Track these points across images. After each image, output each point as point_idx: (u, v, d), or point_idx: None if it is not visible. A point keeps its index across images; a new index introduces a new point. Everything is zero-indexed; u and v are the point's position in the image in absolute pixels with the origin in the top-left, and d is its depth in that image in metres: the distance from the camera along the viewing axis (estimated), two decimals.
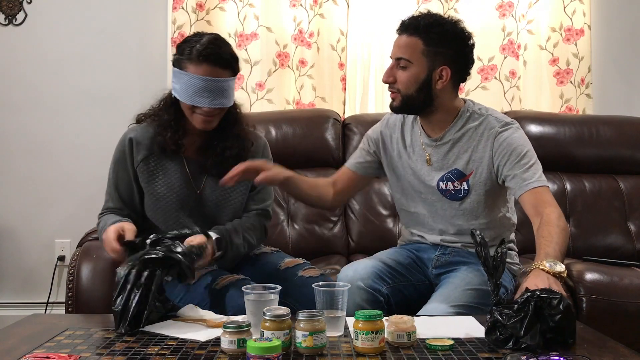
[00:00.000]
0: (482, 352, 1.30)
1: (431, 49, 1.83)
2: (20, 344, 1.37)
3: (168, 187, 1.89)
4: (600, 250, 2.63)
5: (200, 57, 1.78)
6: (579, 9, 3.13)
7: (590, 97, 3.15)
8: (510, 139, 1.85)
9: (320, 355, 1.29)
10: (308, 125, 2.88)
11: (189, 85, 1.78)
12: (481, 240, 1.41)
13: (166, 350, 1.32)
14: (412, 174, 1.96)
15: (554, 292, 1.36)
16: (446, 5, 3.12)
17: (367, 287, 1.78)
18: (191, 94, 1.79)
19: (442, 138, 1.92)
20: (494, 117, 1.91)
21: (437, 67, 1.84)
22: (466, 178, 1.89)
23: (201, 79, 1.77)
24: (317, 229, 2.76)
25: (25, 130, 3.20)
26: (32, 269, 3.21)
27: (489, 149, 1.86)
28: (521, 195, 1.80)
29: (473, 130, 1.90)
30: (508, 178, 1.83)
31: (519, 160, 1.83)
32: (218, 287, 1.73)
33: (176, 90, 1.83)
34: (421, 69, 1.84)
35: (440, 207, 1.94)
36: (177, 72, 1.82)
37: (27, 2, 3.20)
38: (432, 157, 1.93)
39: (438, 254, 1.95)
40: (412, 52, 1.84)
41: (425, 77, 1.84)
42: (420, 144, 1.96)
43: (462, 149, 1.90)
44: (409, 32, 1.86)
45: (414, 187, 1.97)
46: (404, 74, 1.85)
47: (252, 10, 3.14)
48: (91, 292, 2.10)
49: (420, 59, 1.84)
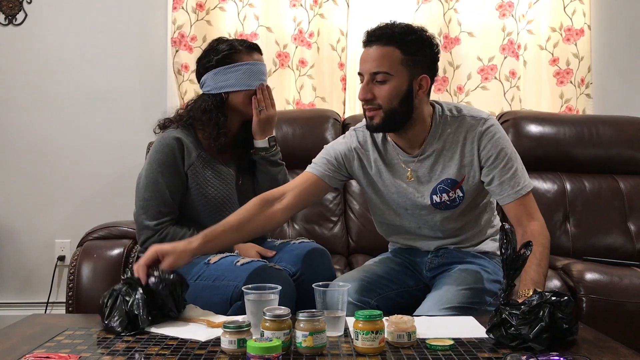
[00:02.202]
0: (482, 352, 1.30)
1: (410, 58, 1.72)
2: (20, 344, 1.37)
3: (216, 187, 1.94)
4: (600, 250, 2.63)
5: (249, 47, 1.99)
6: (579, 9, 3.13)
7: (590, 97, 3.15)
8: (494, 140, 1.78)
9: (320, 355, 1.29)
10: (308, 125, 2.87)
11: (248, 72, 1.95)
12: (510, 237, 1.38)
13: (166, 350, 1.32)
14: (396, 192, 1.86)
15: (562, 294, 1.36)
16: (446, 5, 3.12)
17: (355, 301, 1.76)
18: (252, 78, 1.96)
19: (423, 152, 1.82)
20: (470, 116, 1.82)
21: (416, 77, 1.74)
22: (459, 185, 1.81)
23: (257, 63, 1.98)
24: (317, 229, 2.76)
25: (25, 130, 3.21)
26: (32, 269, 3.21)
27: (476, 150, 1.79)
28: (506, 204, 1.77)
29: (452, 135, 1.81)
30: (493, 183, 1.78)
31: (504, 164, 1.76)
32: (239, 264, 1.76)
33: (231, 84, 1.96)
34: (402, 80, 1.72)
35: (431, 219, 1.87)
36: (226, 69, 1.95)
37: (27, 2, 3.20)
38: (415, 172, 1.83)
39: (431, 257, 1.93)
40: (391, 64, 1.71)
41: (406, 88, 1.73)
42: (399, 162, 1.85)
43: (447, 157, 1.81)
44: (383, 42, 1.72)
45: (399, 205, 1.89)
46: (383, 88, 1.72)
47: (252, 10, 3.14)
48: (91, 292, 2.10)
49: (400, 70, 1.71)
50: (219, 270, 1.76)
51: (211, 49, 2.00)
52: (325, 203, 2.80)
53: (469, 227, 1.90)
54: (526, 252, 1.38)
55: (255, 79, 1.96)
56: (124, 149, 3.20)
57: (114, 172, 3.21)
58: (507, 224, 1.42)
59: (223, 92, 1.96)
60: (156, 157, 1.90)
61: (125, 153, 3.20)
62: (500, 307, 1.37)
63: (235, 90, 1.96)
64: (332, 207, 2.81)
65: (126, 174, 3.17)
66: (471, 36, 3.15)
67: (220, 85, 1.95)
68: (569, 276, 2.19)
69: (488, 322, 1.40)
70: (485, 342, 1.37)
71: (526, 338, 1.30)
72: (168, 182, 1.89)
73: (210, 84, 1.97)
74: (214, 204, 1.94)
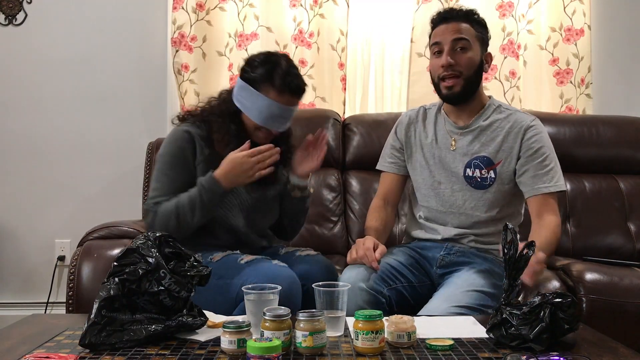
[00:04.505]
0: (482, 352, 1.30)
1: (480, 35, 1.93)
2: (20, 344, 1.37)
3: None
4: (600, 250, 2.63)
5: (285, 86, 1.82)
6: (579, 9, 3.13)
7: (590, 97, 3.15)
8: (538, 136, 1.93)
9: (320, 355, 1.29)
10: (308, 125, 2.86)
11: (266, 109, 1.82)
12: (512, 237, 1.40)
13: (166, 350, 1.32)
14: (437, 163, 1.99)
15: (565, 295, 1.36)
16: (446, 5, 3.12)
17: (369, 288, 1.78)
18: (266, 117, 1.83)
19: (469, 126, 1.97)
20: (522, 113, 1.99)
21: (484, 52, 1.95)
22: (494, 166, 1.93)
23: (281, 107, 1.83)
24: (317, 229, 2.76)
25: (25, 130, 3.21)
26: (32, 269, 3.21)
27: (520, 140, 1.92)
28: (530, 197, 1.88)
29: (501, 121, 1.96)
30: (526, 174, 1.90)
31: (541, 160, 1.90)
32: (243, 262, 1.76)
33: (246, 107, 1.85)
34: (477, 52, 1.92)
35: (461, 197, 1.95)
36: (252, 91, 1.84)
37: (27, 2, 3.20)
38: (457, 143, 1.97)
39: (443, 253, 1.95)
40: (470, 35, 1.90)
41: (479, 59, 1.93)
42: (446, 131, 2.00)
43: (489, 137, 1.95)
44: (457, 19, 1.91)
45: (435, 178, 1.99)
46: (465, 55, 1.90)
47: (252, 10, 3.15)
48: (91, 292, 2.09)
49: (475, 43, 1.92)
50: (222, 269, 1.75)
51: (256, 61, 1.87)
52: (325, 203, 2.80)
53: (493, 222, 1.94)
54: (529, 252, 1.39)
55: (271, 119, 1.84)
56: (124, 149, 3.20)
57: (114, 172, 3.21)
58: (510, 224, 1.42)
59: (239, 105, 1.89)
60: (165, 149, 1.90)
61: (125, 153, 3.20)
62: (501, 307, 1.37)
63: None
64: (332, 207, 2.81)
65: (126, 174, 3.18)
66: None
67: (239, 99, 1.88)
68: (568, 276, 2.19)
69: (488, 322, 1.40)
70: (485, 342, 1.37)
71: (526, 338, 1.31)
72: (176, 174, 1.86)
73: (236, 89, 1.90)
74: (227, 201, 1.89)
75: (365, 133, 2.89)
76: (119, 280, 1.38)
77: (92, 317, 1.34)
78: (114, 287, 1.37)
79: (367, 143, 2.87)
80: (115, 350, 1.32)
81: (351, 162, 2.91)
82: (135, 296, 1.39)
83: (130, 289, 1.38)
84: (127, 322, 1.36)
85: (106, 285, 1.38)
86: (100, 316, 1.34)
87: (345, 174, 2.92)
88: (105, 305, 1.36)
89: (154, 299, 1.39)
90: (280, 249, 2.02)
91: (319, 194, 2.80)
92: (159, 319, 1.39)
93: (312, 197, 2.10)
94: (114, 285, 1.37)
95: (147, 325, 1.37)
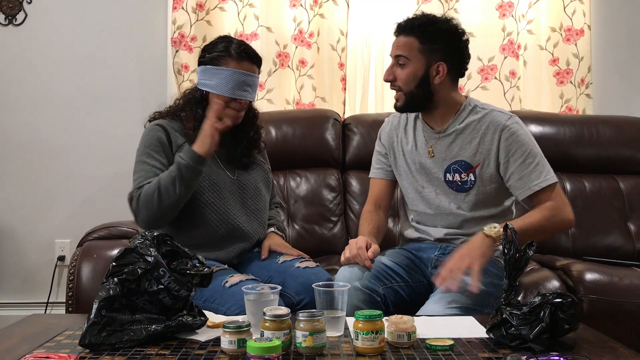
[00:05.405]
0: (482, 352, 1.30)
1: (426, 47, 1.92)
2: (20, 344, 1.37)
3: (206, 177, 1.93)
4: (600, 250, 2.62)
5: (242, 54, 1.94)
6: (579, 9, 3.13)
7: (590, 97, 3.15)
8: (517, 135, 1.91)
9: (320, 355, 1.29)
10: (308, 125, 2.88)
11: (230, 79, 1.91)
12: (513, 238, 1.40)
13: (166, 350, 1.32)
14: (418, 169, 2.02)
15: (565, 295, 1.36)
16: (446, 5, 3.12)
17: (363, 287, 1.79)
18: (233, 87, 1.91)
19: (445, 130, 1.98)
20: (498, 112, 1.98)
21: (433, 63, 1.92)
22: (473, 170, 1.94)
23: (244, 73, 1.92)
24: (317, 229, 2.76)
25: (25, 130, 3.21)
26: (32, 269, 3.21)
27: (497, 141, 1.92)
28: (524, 198, 1.88)
29: (476, 122, 1.96)
30: (513, 177, 1.89)
31: (523, 159, 1.89)
32: (227, 285, 1.74)
33: (211, 86, 1.93)
34: (419, 66, 1.92)
35: (445, 199, 1.97)
36: (213, 69, 1.93)
37: (27, 2, 3.20)
38: (434, 148, 1.98)
39: (438, 253, 1.95)
40: (409, 51, 1.92)
41: (423, 73, 1.92)
42: (424, 137, 2.02)
43: (466, 140, 1.95)
44: (405, 32, 1.94)
45: (418, 182, 2.02)
46: (403, 71, 1.93)
47: (252, 10, 3.14)
48: (91, 292, 2.09)
49: (417, 56, 1.92)
50: (208, 291, 1.68)
51: (210, 45, 2.00)
52: (325, 203, 2.80)
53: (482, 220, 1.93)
54: (528, 252, 1.39)
55: (237, 88, 1.91)
56: (124, 149, 3.19)
57: (114, 172, 3.20)
58: (510, 224, 1.42)
59: (204, 90, 1.96)
60: (141, 143, 1.96)
61: (125, 153, 3.18)
62: (501, 307, 1.37)
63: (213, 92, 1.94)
64: (332, 207, 2.81)
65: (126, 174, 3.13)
66: (471, 36, 3.10)
67: (203, 82, 1.96)
68: (568, 276, 2.19)
69: (488, 322, 1.40)
70: (485, 342, 1.37)
71: (526, 338, 1.31)
72: (154, 161, 1.90)
73: (199, 77, 1.99)
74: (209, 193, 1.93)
75: (365, 133, 2.89)
76: (118, 280, 1.38)
77: (92, 317, 1.34)
78: (114, 287, 1.37)
79: (367, 143, 2.87)
80: (115, 350, 1.32)
81: (351, 162, 2.91)
82: (135, 296, 1.39)
83: (130, 288, 1.38)
84: (127, 322, 1.36)
85: (106, 286, 1.38)
86: (100, 316, 1.34)
87: (345, 174, 2.92)
88: (105, 305, 1.36)
89: (153, 299, 1.39)
90: (278, 257, 1.97)
91: (319, 194, 2.81)
92: (159, 319, 1.39)
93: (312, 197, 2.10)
94: (114, 285, 1.37)
95: (147, 325, 1.37)
